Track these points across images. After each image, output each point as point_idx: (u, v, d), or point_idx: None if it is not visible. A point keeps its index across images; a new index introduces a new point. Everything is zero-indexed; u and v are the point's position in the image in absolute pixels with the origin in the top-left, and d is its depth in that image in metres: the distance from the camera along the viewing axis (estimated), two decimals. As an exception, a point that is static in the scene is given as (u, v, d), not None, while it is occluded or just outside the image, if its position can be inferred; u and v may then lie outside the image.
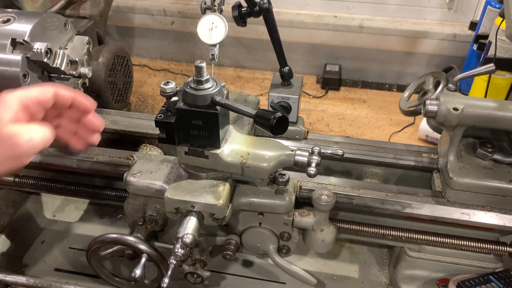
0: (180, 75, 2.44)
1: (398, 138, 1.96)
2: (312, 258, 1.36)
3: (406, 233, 1.10)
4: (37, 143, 0.73)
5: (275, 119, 0.77)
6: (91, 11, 1.87)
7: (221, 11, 1.14)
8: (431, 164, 1.19)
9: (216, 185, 0.92)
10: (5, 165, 0.71)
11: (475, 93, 1.87)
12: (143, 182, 0.98)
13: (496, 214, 1.04)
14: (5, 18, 1.03)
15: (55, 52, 1.03)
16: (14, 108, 0.72)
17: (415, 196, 1.07)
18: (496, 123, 0.98)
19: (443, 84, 1.11)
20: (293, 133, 1.27)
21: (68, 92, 0.80)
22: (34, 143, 0.72)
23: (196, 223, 0.88)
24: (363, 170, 1.28)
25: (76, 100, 0.81)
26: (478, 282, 1.08)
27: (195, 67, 0.82)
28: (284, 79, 1.26)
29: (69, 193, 1.24)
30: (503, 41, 1.68)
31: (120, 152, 1.18)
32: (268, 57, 2.38)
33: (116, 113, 1.35)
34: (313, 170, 0.87)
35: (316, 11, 2.29)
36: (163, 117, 0.87)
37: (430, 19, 2.23)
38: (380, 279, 1.30)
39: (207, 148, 0.90)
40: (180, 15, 2.38)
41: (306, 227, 1.04)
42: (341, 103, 2.21)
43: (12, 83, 0.99)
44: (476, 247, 1.08)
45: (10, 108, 0.71)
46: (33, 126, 0.73)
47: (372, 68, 2.33)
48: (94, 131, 0.86)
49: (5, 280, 1.17)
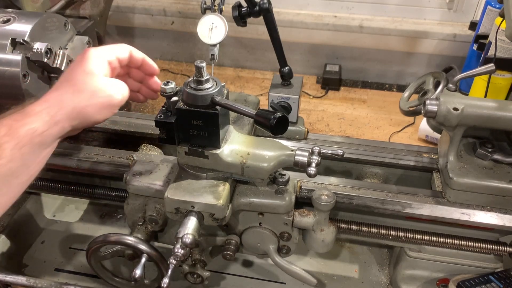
0: (180, 75, 2.44)
1: (398, 138, 1.97)
2: (312, 258, 1.36)
3: (406, 233, 1.10)
4: (125, 96, 0.82)
5: (275, 119, 0.77)
6: (91, 11, 1.87)
7: (221, 11, 1.14)
8: (431, 164, 1.19)
9: (216, 185, 0.92)
10: (102, 113, 0.80)
11: (475, 93, 1.87)
12: (143, 182, 0.98)
13: (496, 214, 1.04)
14: (5, 18, 1.03)
15: (55, 52, 1.03)
16: (103, 62, 0.81)
17: (415, 196, 1.07)
18: (496, 123, 0.98)
19: (443, 84, 1.11)
20: (293, 133, 1.27)
21: (140, 53, 0.89)
22: (123, 96, 0.82)
23: (196, 223, 0.88)
24: (363, 170, 1.28)
25: (146, 62, 0.90)
26: (478, 282, 1.08)
27: (195, 67, 0.82)
28: (284, 79, 1.26)
29: (69, 193, 1.24)
30: (503, 41, 1.68)
31: (120, 152, 1.18)
32: (268, 57, 2.38)
33: (116, 113, 1.34)
34: (313, 170, 0.87)
35: (316, 11, 2.29)
36: (163, 117, 0.87)
37: (430, 19, 2.23)
38: (380, 279, 1.30)
39: (207, 148, 0.90)
40: (180, 15, 2.38)
41: (306, 227, 1.04)
42: (341, 103, 2.21)
43: (12, 83, 0.99)
44: (476, 247, 1.08)
45: (101, 63, 0.80)
46: (118, 80, 0.82)
47: (372, 68, 2.33)
48: (155, 91, 0.94)
49: (5, 280, 1.17)
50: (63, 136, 0.78)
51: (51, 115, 0.74)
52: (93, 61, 0.79)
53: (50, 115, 0.74)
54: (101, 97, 0.78)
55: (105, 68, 0.81)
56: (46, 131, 0.73)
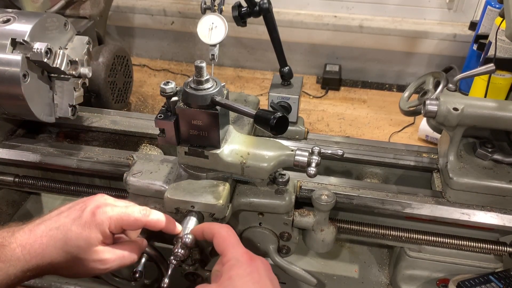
0: (180, 75, 2.44)
1: (398, 138, 1.97)
2: (312, 258, 1.36)
3: (406, 233, 1.09)
4: (112, 267, 0.76)
5: (275, 119, 0.77)
6: (91, 11, 1.87)
7: (221, 11, 1.14)
8: (431, 164, 1.19)
9: (216, 185, 0.92)
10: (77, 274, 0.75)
11: (475, 93, 1.87)
12: (143, 182, 0.98)
13: (496, 214, 1.04)
14: (5, 18, 1.03)
15: (55, 52, 1.03)
16: (105, 228, 0.74)
17: (415, 196, 1.07)
18: (496, 123, 0.98)
19: (443, 84, 1.11)
20: (293, 133, 1.27)
21: (161, 222, 0.82)
22: (109, 268, 0.76)
23: (196, 223, 0.88)
24: (363, 170, 1.28)
25: (166, 228, 0.84)
26: (478, 282, 1.08)
27: (195, 67, 0.82)
28: (284, 79, 1.26)
29: (69, 193, 1.24)
30: (503, 41, 1.68)
31: (120, 152, 1.18)
32: (268, 57, 2.38)
33: (116, 113, 1.35)
34: (313, 170, 0.87)
35: (316, 11, 2.29)
36: (163, 117, 0.87)
37: (430, 19, 2.23)
38: (380, 279, 1.30)
39: (207, 148, 0.90)
40: (180, 15, 2.38)
41: (306, 227, 1.04)
42: (341, 103, 2.21)
43: (12, 83, 0.99)
44: (476, 247, 1.08)
45: (102, 228, 0.74)
46: (116, 252, 0.76)
47: (372, 68, 2.33)
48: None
49: (5, 280, 1.17)
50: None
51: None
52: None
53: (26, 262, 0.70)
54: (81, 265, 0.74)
55: (105, 237, 0.75)
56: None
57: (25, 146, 1.20)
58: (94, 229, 0.73)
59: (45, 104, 1.10)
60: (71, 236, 0.72)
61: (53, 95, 1.12)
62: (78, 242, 0.72)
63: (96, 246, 0.73)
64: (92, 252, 0.73)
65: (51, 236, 0.71)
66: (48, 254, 0.71)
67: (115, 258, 0.76)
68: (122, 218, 0.76)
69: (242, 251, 0.74)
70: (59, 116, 1.14)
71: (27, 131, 1.31)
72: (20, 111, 1.07)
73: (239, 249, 0.74)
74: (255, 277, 0.70)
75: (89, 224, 0.73)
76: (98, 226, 0.73)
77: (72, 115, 1.15)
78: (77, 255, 0.72)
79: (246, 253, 0.74)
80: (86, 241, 0.72)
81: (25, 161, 1.18)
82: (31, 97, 1.03)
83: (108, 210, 0.75)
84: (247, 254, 0.74)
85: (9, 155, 1.19)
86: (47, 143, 1.23)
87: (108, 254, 0.75)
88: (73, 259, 0.72)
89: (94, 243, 0.73)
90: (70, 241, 0.71)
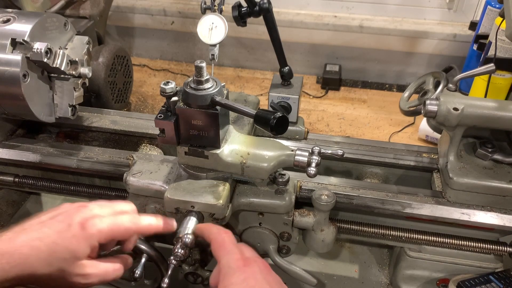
0: (180, 75, 2.44)
1: (398, 138, 1.97)
2: (312, 258, 1.36)
3: (406, 233, 1.09)
4: (94, 283, 0.74)
5: (275, 119, 0.77)
6: (91, 11, 1.87)
7: (221, 11, 1.14)
8: (431, 164, 1.19)
9: (216, 185, 0.92)
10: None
11: (475, 93, 1.87)
12: (143, 182, 0.98)
13: (496, 214, 1.04)
14: (5, 18, 1.03)
15: (55, 52, 1.03)
16: (95, 241, 0.72)
17: (415, 196, 1.07)
18: (496, 123, 0.98)
19: (443, 84, 1.11)
20: (293, 133, 1.27)
21: (153, 226, 0.82)
22: (90, 283, 0.73)
23: (196, 223, 0.88)
24: (363, 170, 1.28)
25: (160, 230, 0.83)
26: (478, 282, 1.08)
27: (195, 67, 0.82)
28: (284, 79, 1.26)
29: (69, 193, 1.24)
30: (503, 41, 1.68)
31: (120, 152, 1.18)
32: (268, 57, 2.38)
33: (116, 113, 1.35)
34: (313, 170, 0.87)
35: (316, 11, 2.29)
36: (163, 117, 0.87)
37: (430, 19, 2.23)
38: (380, 279, 1.30)
39: (207, 148, 0.90)
40: (180, 15, 2.38)
41: (306, 227, 1.04)
42: (341, 103, 2.21)
43: (12, 83, 0.99)
44: (476, 247, 1.08)
45: (91, 241, 0.72)
46: (99, 267, 0.75)
47: (372, 68, 2.33)
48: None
49: (5, 280, 1.17)
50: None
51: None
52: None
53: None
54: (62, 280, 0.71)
55: (92, 249, 0.73)
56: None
57: (25, 146, 1.20)
58: (83, 243, 0.71)
59: (45, 104, 1.10)
60: (55, 248, 0.69)
61: (53, 95, 1.12)
62: (64, 255, 0.69)
63: (81, 260, 0.71)
64: (76, 265, 0.71)
65: (33, 247, 0.68)
66: (29, 265, 0.67)
67: (98, 274, 0.74)
68: (113, 230, 0.74)
69: (236, 258, 0.73)
70: (59, 116, 1.14)
71: (27, 131, 1.31)
72: (20, 111, 1.07)
73: (233, 255, 0.74)
74: (251, 283, 0.69)
75: (77, 238, 0.71)
76: (87, 240, 0.71)
77: (72, 115, 1.15)
78: (61, 267, 0.70)
79: (240, 259, 0.73)
80: (72, 254, 0.70)
81: (25, 161, 1.18)
82: (31, 97, 1.03)
83: (97, 223, 0.73)
84: (241, 260, 0.73)
85: (9, 155, 1.20)
86: (47, 143, 1.23)
87: (91, 269, 0.73)
88: (56, 271, 0.70)
89: (80, 257, 0.71)
90: (54, 254, 0.69)
